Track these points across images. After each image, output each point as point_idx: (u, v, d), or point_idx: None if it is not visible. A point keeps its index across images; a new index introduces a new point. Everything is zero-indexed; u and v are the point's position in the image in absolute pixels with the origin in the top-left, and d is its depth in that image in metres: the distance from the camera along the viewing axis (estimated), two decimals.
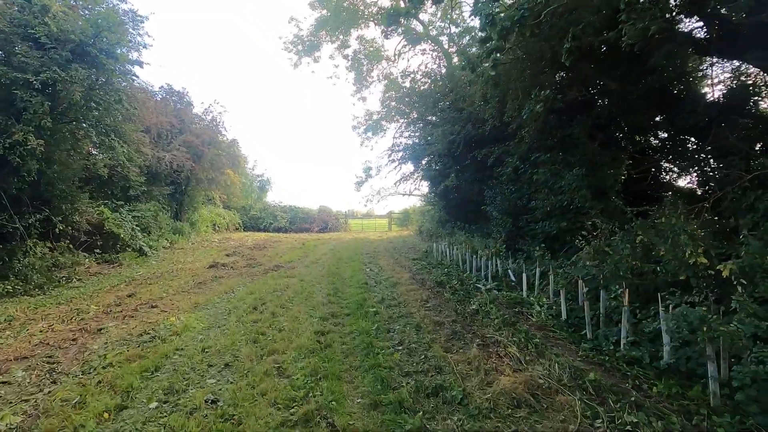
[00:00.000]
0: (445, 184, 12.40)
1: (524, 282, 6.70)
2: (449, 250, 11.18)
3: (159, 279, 9.47)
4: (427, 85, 14.72)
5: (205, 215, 21.16)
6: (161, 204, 16.77)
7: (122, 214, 13.38)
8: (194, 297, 7.58)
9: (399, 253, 14.64)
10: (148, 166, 15.28)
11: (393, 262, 12.31)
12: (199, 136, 17.85)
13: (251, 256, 13.78)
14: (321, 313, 6.16)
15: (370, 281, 9.06)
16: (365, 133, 24.30)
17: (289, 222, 27.93)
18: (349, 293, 7.71)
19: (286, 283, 8.79)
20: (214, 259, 12.74)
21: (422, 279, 9.14)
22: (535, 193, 8.87)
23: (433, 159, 12.74)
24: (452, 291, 7.56)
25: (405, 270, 10.56)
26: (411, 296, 7.34)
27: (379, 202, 34.43)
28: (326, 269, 10.82)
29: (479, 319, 5.77)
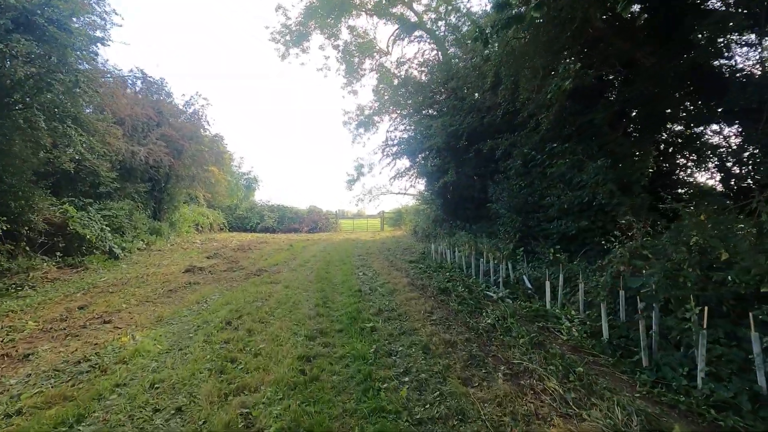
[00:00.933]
0: (443, 180, 11.45)
1: (547, 291, 5.75)
2: (450, 252, 10.22)
3: (124, 286, 8.32)
4: (423, 74, 13.77)
5: (186, 215, 19.91)
6: (137, 202, 15.53)
7: (90, 213, 12.15)
8: (160, 308, 6.48)
9: (393, 254, 13.65)
10: (121, 161, 14.05)
11: (388, 264, 11.31)
12: (179, 129, 16.63)
13: (233, 259, 12.67)
14: (307, 330, 5.13)
15: (364, 287, 8.05)
16: (357, 129, 23.30)
17: (278, 222, 26.75)
18: (341, 303, 6.69)
19: (268, 290, 7.73)
20: (192, 262, 11.60)
21: (422, 285, 8.16)
22: (549, 189, 7.96)
23: (431, 153, 11.79)
24: (459, 300, 6.59)
25: (402, 274, 9.57)
26: (412, 306, 6.35)
27: (371, 201, 33.46)
28: (315, 273, 9.77)
29: (498, 336, 4.81)
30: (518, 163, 8.61)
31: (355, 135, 23.12)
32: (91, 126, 9.52)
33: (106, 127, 11.10)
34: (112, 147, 12.83)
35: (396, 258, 12.57)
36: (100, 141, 10.17)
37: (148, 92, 16.89)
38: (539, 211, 8.22)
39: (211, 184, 24.94)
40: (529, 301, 6.14)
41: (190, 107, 18.29)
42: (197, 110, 18.51)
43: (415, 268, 10.48)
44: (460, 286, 7.46)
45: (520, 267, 7.50)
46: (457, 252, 9.76)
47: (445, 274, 8.99)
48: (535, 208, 8.36)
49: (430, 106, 12.44)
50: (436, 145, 11.25)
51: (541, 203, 8.16)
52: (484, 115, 9.39)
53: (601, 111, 6.79)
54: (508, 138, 8.68)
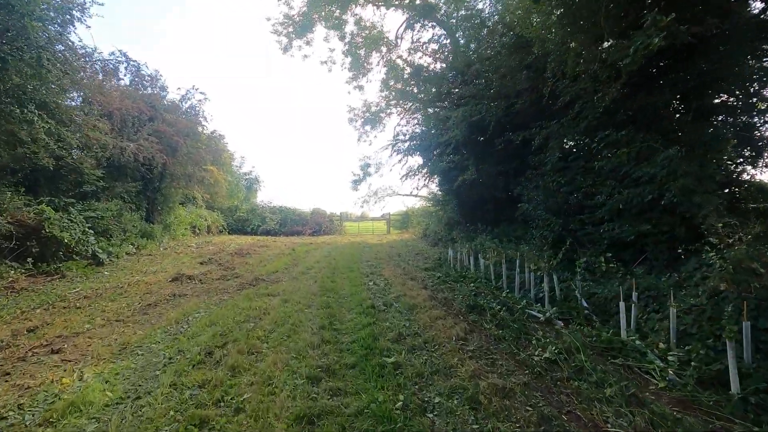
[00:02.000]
0: (462, 178, 10.22)
1: (623, 314, 4.45)
2: (472, 259, 8.97)
3: (98, 299, 7.15)
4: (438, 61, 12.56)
5: (183, 216, 18.79)
6: (127, 203, 14.41)
7: (72, 215, 11.01)
8: (129, 331, 5.29)
9: (405, 260, 12.42)
10: (108, 158, 12.93)
11: (401, 272, 10.08)
12: (173, 125, 15.51)
13: (229, 265, 11.49)
14: (309, 367, 3.91)
15: (377, 301, 6.83)
16: (363, 127, 22.12)
17: (280, 224, 25.59)
18: (351, 324, 5.47)
19: (264, 305, 6.52)
20: (182, 269, 10.41)
21: (446, 299, 6.93)
22: (596, 186, 6.71)
23: (448, 149, 10.57)
24: (497, 321, 5.36)
25: (418, 284, 8.35)
26: (440, 330, 5.12)
27: (376, 203, 32.29)
28: (319, 283, 8.56)
29: (566, 380, 3.57)
30: (556, 156, 7.36)
31: (361, 133, 21.96)
32: (65, 115, 8.37)
33: (86, 118, 9.93)
34: (96, 141, 11.71)
35: (408, 265, 11.33)
36: (77, 132, 8.99)
37: (141, 85, 15.80)
38: (583, 213, 6.97)
39: (209, 184, 23.82)
40: (588, 326, 4.88)
41: (186, 102, 17.20)
42: (194, 105, 17.43)
43: (431, 277, 9.25)
44: (493, 302, 6.21)
45: (565, 279, 6.24)
46: (481, 260, 8.51)
47: (470, 286, 7.75)
48: (578, 209, 7.11)
49: (446, 98, 11.24)
50: (454, 139, 10.03)
51: (586, 203, 6.91)
52: (513, 102, 8.14)
53: (665, 92, 5.56)
54: (546, 126, 7.42)
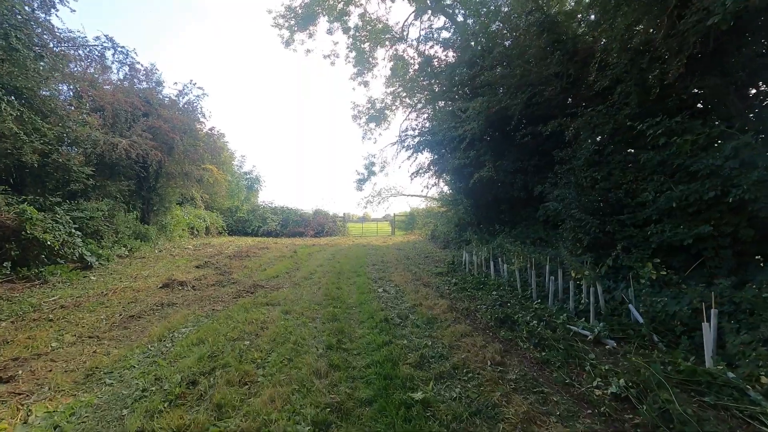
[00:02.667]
0: (479, 176, 9.40)
1: (706, 336, 3.60)
2: (492, 263, 8.15)
3: (75, 309, 6.36)
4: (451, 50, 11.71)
5: (180, 217, 18.03)
6: (120, 203, 13.65)
7: (57, 215, 10.24)
8: (102, 351, 4.49)
9: (415, 264, 11.61)
10: (99, 155, 12.17)
11: (412, 277, 9.27)
12: (169, 121, 14.75)
13: (226, 269, 10.70)
14: (315, 405, 3.09)
15: (390, 313, 6.01)
16: (367, 124, 21.38)
17: (281, 225, 24.81)
18: (363, 342, 4.66)
19: (262, 318, 5.72)
20: (175, 274, 9.63)
21: (468, 310, 6.11)
22: (640, 182, 5.90)
23: (462, 143, 9.75)
24: (535, 340, 4.53)
25: (434, 292, 7.53)
26: (469, 351, 4.30)
27: (380, 203, 31.54)
28: (323, 290, 7.75)
29: (648, 427, 2.74)
30: (591, 148, 6.53)
31: (366, 130, 21.21)
32: (44, 105, 7.60)
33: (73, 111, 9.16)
34: (86, 136, 10.97)
35: (419, 269, 10.51)
36: (58, 125, 8.21)
37: (136, 79, 15.06)
38: (623, 212, 6.14)
39: (209, 184, 23.09)
40: (651, 349, 4.05)
41: (184, 97, 16.45)
42: (192, 101, 16.67)
43: (446, 283, 8.43)
44: (525, 315, 5.38)
45: (627, 292, 5.40)
46: (504, 265, 7.68)
47: (492, 294, 6.93)
48: (617, 208, 6.28)
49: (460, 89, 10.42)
50: (469, 133, 9.22)
51: (627, 201, 6.09)
52: (541, 89, 7.31)
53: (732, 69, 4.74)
54: (581, 114, 6.56)
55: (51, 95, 8.55)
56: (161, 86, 15.67)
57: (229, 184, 25.65)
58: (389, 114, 21.46)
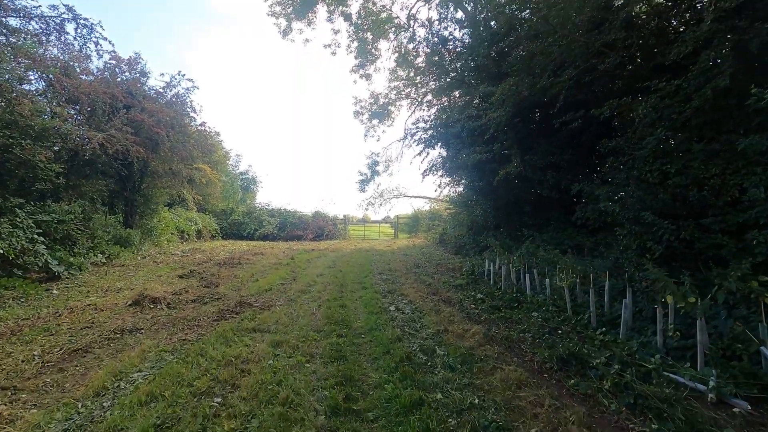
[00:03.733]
0: (504, 172, 8.07)
1: None
2: (526, 276, 6.79)
3: (8, 338, 5.01)
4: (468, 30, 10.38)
5: (168, 220, 16.67)
6: (96, 205, 12.31)
7: (19, 218, 8.92)
8: (7, 413, 3.15)
9: (427, 273, 10.26)
10: (72, 150, 10.84)
11: (427, 291, 7.93)
12: (154, 115, 13.41)
13: (213, 280, 9.36)
14: None
15: (411, 344, 4.68)
16: (370, 121, 20.09)
17: (278, 228, 23.44)
18: (380, 395, 3.32)
19: (244, 353, 4.37)
20: (150, 287, 8.28)
21: (509, 340, 4.77)
22: (727, 176, 4.58)
23: (485, 135, 8.42)
24: (629, 399, 3.18)
25: (459, 312, 6.19)
26: (538, 416, 2.96)
27: (382, 205, 30.23)
28: (324, 309, 6.41)
29: None
30: (661, 135, 5.19)
31: (368, 127, 19.92)
32: None
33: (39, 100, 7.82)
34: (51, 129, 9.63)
35: (433, 279, 9.16)
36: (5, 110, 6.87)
37: (117, 69, 13.73)
38: (707, 214, 4.81)
39: (201, 184, 21.78)
40: None
41: (171, 90, 15.10)
42: (180, 94, 15.34)
43: (470, 298, 7.09)
44: (599, 354, 4.02)
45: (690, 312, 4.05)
46: (546, 279, 6.33)
47: (533, 317, 5.59)
48: (696, 209, 4.95)
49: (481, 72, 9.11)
50: (495, 122, 7.89)
51: (711, 202, 4.76)
52: (594, 62, 5.92)
53: None
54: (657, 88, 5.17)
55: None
56: (146, 77, 14.34)
57: (223, 185, 24.33)
58: (393, 110, 20.19)
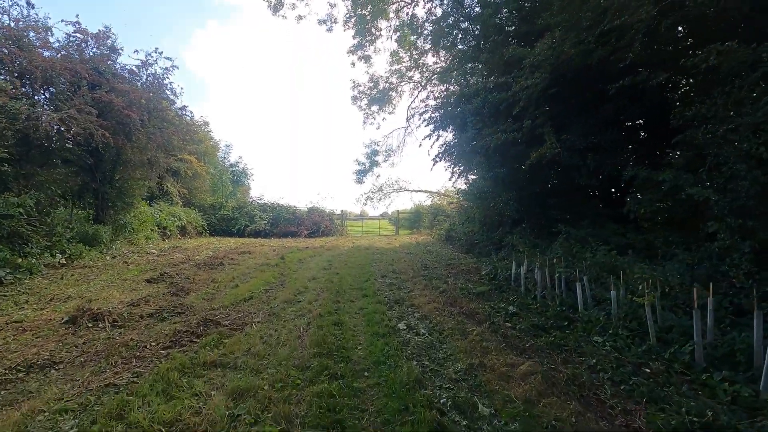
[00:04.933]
0: (539, 154, 6.54)
1: None
2: (578, 288, 5.28)
3: None
4: None
5: (147, 216, 15.07)
6: (54, 197, 10.71)
7: None
8: None
9: (437, 275, 8.77)
10: (20, 132, 9.23)
11: (443, 300, 6.43)
12: (124, 95, 11.80)
13: (184, 286, 7.83)
14: None
15: (439, 394, 3.19)
16: (369, 107, 18.51)
17: (271, 224, 21.87)
18: None
19: (185, 416, 2.85)
20: (102, 297, 6.77)
21: (579, 384, 3.28)
22: None
23: (514, 108, 6.89)
24: None
25: (492, 334, 4.70)
26: None
27: (381, 200, 28.66)
28: (314, 329, 4.89)
29: None
30: None
31: (367, 114, 18.33)
32: None
33: None
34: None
35: (447, 285, 7.66)
36: None
37: (84, 44, 12.08)
38: None
39: (187, 177, 20.22)
40: None
41: (147, 69, 13.44)
42: (157, 74, 13.68)
43: (502, 312, 5.60)
44: (725, 413, 2.53)
45: None
46: (611, 292, 4.82)
47: (595, 344, 4.10)
48: None
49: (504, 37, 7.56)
50: (527, 94, 6.36)
51: None
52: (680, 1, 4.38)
53: None
54: None
55: None
56: (117, 54, 12.69)
57: (212, 178, 22.73)
58: (394, 96, 18.62)
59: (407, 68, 17.56)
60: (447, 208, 24.04)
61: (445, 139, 10.01)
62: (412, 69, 17.85)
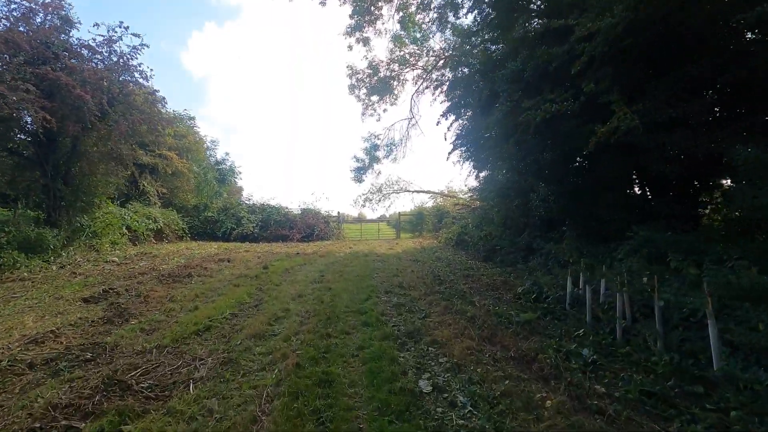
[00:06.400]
0: (607, 128, 4.69)
1: None
2: (712, 325, 3.39)
3: None
4: None
5: (113, 218, 13.10)
6: None
7: None
8: None
9: (456, 292, 6.90)
10: None
11: (479, 336, 4.54)
12: (77, 74, 9.90)
13: (128, 307, 5.96)
14: None
15: None
16: (368, 96, 16.68)
17: (260, 227, 19.92)
18: None
19: None
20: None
21: None
22: None
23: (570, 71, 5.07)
24: None
25: (575, 404, 2.82)
26: None
27: (381, 201, 26.70)
28: (284, 399, 2.98)
29: None
30: None
31: (366, 104, 16.50)
32: None
33: None
34: None
35: (476, 308, 5.76)
36: None
37: (31, 14, 10.18)
38: None
39: (167, 174, 18.26)
40: None
41: (110, 47, 11.52)
42: (123, 53, 11.76)
43: (570, 358, 3.72)
44: None
45: None
46: None
47: None
48: None
49: None
50: (593, 47, 4.54)
51: None
52: None
53: None
54: None
55: None
56: (72, 27, 10.78)
57: (196, 177, 20.77)
58: (396, 85, 16.79)
59: (410, 54, 15.75)
60: (452, 210, 22.21)
61: (460, 124, 8.14)
62: (415, 56, 16.05)
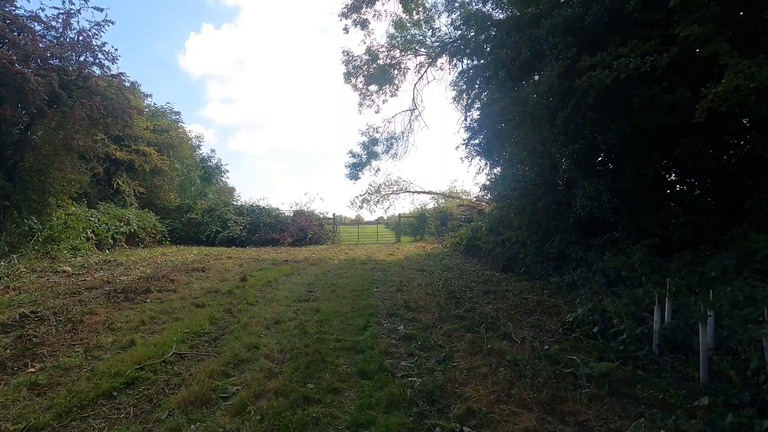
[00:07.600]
0: (724, 88, 3.17)
1: None
2: None
3: None
4: None
5: (75, 221, 11.45)
6: None
7: None
8: None
9: (483, 317, 5.32)
10: None
11: (536, 401, 2.97)
12: (17, 48, 8.29)
13: (43, 340, 4.37)
14: None
15: None
16: (366, 86, 15.09)
17: (248, 230, 18.29)
18: None
19: None
20: None
21: None
22: None
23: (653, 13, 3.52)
24: None
25: None
26: None
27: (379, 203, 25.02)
28: None
29: None
30: None
31: (364, 95, 14.95)
32: None
33: None
34: None
35: (517, 348, 4.19)
36: None
37: None
38: None
39: (145, 172, 16.61)
40: None
41: (66, 23, 9.89)
42: (82, 29, 10.15)
43: None
44: None
45: None
46: None
47: None
48: None
49: None
50: None
51: None
52: None
53: None
54: None
55: None
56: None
57: (180, 176, 19.12)
58: (396, 74, 15.25)
59: (412, 39, 14.22)
60: (456, 212, 20.68)
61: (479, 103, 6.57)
62: (417, 43, 14.53)
